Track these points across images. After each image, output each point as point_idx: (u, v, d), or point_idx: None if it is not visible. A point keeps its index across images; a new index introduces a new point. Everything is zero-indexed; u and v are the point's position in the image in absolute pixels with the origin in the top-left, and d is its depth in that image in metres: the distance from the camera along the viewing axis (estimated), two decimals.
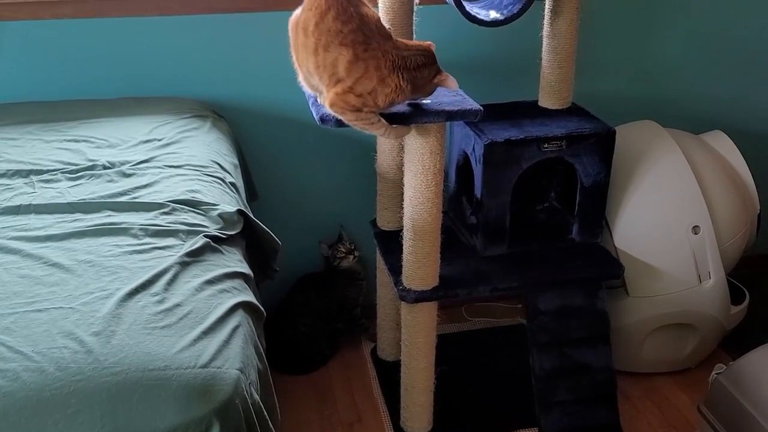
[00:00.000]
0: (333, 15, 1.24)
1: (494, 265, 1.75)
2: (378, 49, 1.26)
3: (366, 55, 1.25)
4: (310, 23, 1.26)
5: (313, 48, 1.26)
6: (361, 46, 1.25)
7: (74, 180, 1.36)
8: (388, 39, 1.30)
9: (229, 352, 0.98)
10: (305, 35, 1.28)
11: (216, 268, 1.14)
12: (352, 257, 2.06)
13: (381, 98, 1.30)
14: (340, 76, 1.27)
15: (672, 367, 1.98)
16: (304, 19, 1.28)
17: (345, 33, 1.24)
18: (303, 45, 1.29)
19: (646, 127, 1.93)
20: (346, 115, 1.32)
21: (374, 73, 1.26)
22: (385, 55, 1.26)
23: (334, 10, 1.24)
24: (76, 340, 0.94)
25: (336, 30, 1.24)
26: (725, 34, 2.16)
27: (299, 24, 1.30)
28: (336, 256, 2.05)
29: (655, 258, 1.80)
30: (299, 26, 1.30)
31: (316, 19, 1.25)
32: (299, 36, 1.30)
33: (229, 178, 1.48)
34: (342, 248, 2.05)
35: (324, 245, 2.08)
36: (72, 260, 1.10)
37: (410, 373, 1.73)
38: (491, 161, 1.67)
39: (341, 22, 1.24)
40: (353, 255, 2.06)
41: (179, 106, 1.76)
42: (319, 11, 1.25)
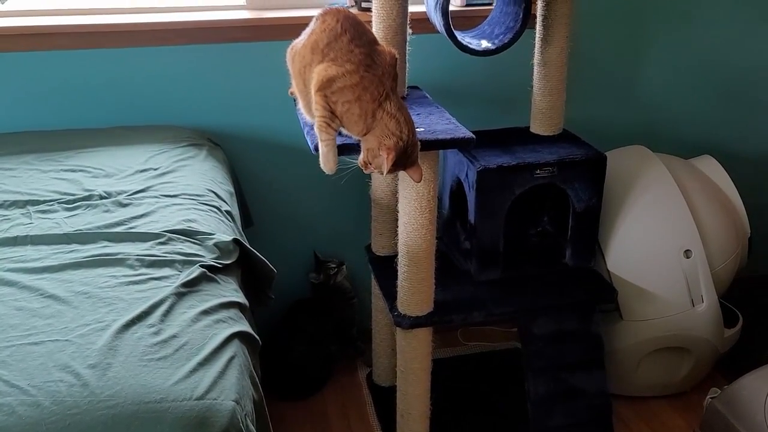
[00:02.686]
0: (348, 38, 1.27)
1: (489, 289, 1.76)
2: (378, 75, 1.27)
3: (366, 73, 1.26)
4: (321, 42, 1.28)
5: (319, 61, 1.27)
6: (364, 66, 1.26)
7: (71, 210, 1.36)
8: (391, 78, 1.30)
9: (224, 383, 0.98)
10: (312, 53, 1.28)
11: (212, 298, 1.14)
12: (344, 267, 2.07)
13: (347, 114, 1.27)
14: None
15: (667, 391, 1.99)
16: (313, 40, 1.29)
17: (356, 53, 1.26)
18: (308, 63, 1.29)
19: (636, 153, 1.96)
20: (319, 105, 1.29)
21: (360, 91, 1.25)
22: (381, 84, 1.27)
23: (349, 34, 1.27)
24: (72, 373, 0.94)
25: (348, 50, 1.26)
26: (714, 61, 2.20)
27: (306, 46, 1.30)
28: (329, 274, 2.05)
29: (648, 282, 1.82)
30: (306, 48, 1.30)
31: (329, 39, 1.27)
32: (305, 56, 1.30)
33: (224, 206, 1.49)
34: (331, 264, 2.06)
35: (312, 274, 2.08)
36: (68, 292, 1.11)
37: (406, 399, 1.73)
38: (484, 187, 1.68)
39: (354, 45, 1.26)
40: (344, 265, 2.07)
41: (175, 134, 1.77)
42: (334, 33, 1.27)
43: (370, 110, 1.26)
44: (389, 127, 1.26)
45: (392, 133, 1.26)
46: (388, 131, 1.26)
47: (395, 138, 1.26)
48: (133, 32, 1.82)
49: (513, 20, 1.72)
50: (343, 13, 1.30)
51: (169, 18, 1.86)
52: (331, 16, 1.29)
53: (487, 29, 1.83)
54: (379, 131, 1.27)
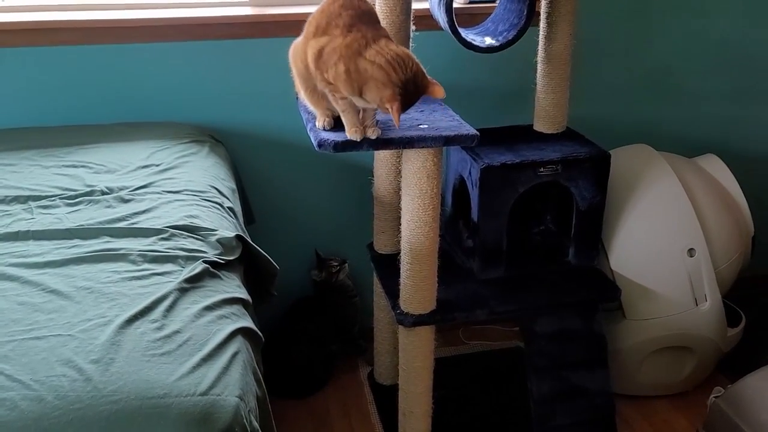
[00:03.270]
0: (340, 3, 1.26)
1: (491, 288, 1.75)
2: (362, 32, 1.23)
3: (349, 33, 1.22)
4: (321, 25, 1.27)
5: (312, 36, 1.28)
6: (348, 27, 1.24)
7: (72, 206, 1.36)
8: (378, 31, 1.26)
9: (228, 379, 0.97)
10: (314, 36, 1.27)
11: (215, 294, 1.14)
12: (347, 265, 2.06)
13: (337, 78, 1.23)
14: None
15: (670, 390, 1.98)
16: (314, 26, 1.29)
17: (343, 17, 1.24)
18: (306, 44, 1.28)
19: (640, 151, 1.95)
20: (319, 79, 1.28)
21: (343, 49, 1.22)
22: (362, 37, 1.22)
23: (344, 9, 1.26)
24: (74, 368, 0.93)
25: (337, 15, 1.24)
26: (718, 58, 2.19)
27: (308, 33, 1.30)
28: (331, 272, 2.05)
29: (651, 281, 1.81)
30: (308, 35, 1.30)
31: (327, 21, 1.27)
32: (307, 39, 1.30)
33: (227, 203, 1.48)
34: (333, 263, 2.06)
35: (313, 271, 2.07)
36: (70, 287, 1.10)
37: (408, 398, 1.72)
38: (487, 185, 1.68)
39: (343, 8, 1.25)
40: (346, 264, 2.06)
41: (177, 131, 1.77)
42: (331, 14, 1.27)
43: (353, 65, 1.20)
44: (378, 77, 1.19)
45: (384, 82, 1.19)
46: (380, 82, 1.19)
47: (390, 86, 1.19)
48: (135, 28, 1.81)
49: (517, 17, 1.71)
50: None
51: (171, 14, 1.85)
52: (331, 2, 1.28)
53: (491, 26, 1.82)
54: (372, 86, 1.21)
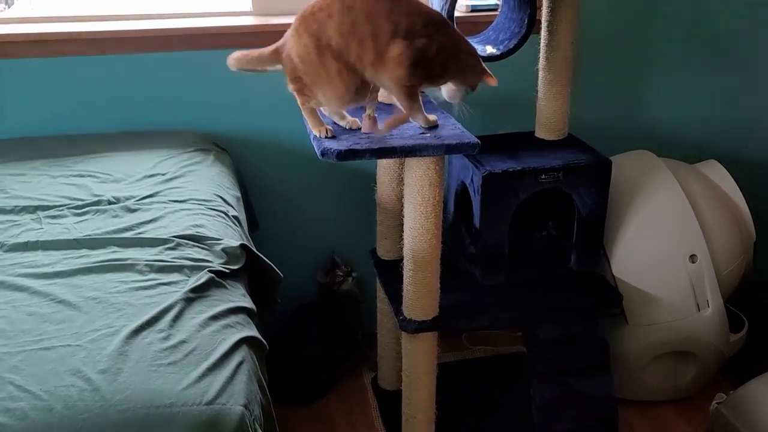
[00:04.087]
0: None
1: (494, 294, 1.76)
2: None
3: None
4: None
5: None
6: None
7: (80, 215, 1.38)
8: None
9: (233, 388, 0.99)
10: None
11: (220, 304, 1.15)
12: (351, 279, 2.07)
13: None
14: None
15: (673, 396, 1.99)
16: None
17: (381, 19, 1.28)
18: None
19: (641, 157, 1.96)
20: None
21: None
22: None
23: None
24: (83, 378, 0.95)
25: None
26: (718, 65, 2.20)
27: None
28: (335, 280, 2.06)
29: (653, 286, 1.82)
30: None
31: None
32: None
33: (231, 211, 1.50)
34: (339, 272, 2.07)
35: (320, 272, 2.09)
36: (79, 297, 1.12)
37: (411, 403, 1.73)
38: (489, 192, 1.69)
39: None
40: (351, 276, 2.07)
41: (182, 140, 1.79)
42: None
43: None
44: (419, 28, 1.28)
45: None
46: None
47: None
48: (140, 38, 1.84)
49: (518, 26, 1.73)
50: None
51: (176, 24, 1.88)
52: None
53: (492, 35, 1.84)
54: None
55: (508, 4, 1.82)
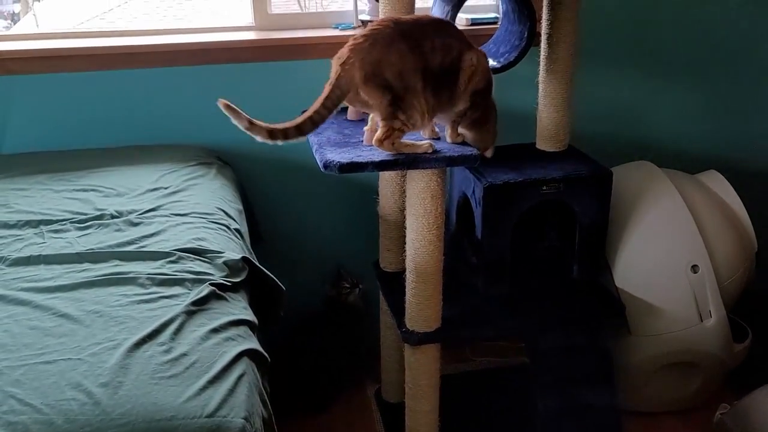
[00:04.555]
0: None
1: (496, 305, 1.76)
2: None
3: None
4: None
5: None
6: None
7: (83, 230, 1.39)
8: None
9: (234, 400, 0.99)
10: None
11: (221, 316, 1.16)
12: (358, 290, 2.07)
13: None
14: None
15: (677, 406, 1.97)
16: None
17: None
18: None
19: (642, 168, 1.96)
20: None
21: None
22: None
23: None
24: (84, 391, 0.95)
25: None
26: (718, 76, 2.21)
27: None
28: (341, 292, 2.06)
29: (656, 297, 1.82)
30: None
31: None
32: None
33: (233, 224, 1.51)
34: (346, 284, 2.07)
35: (327, 285, 2.09)
36: (80, 311, 1.12)
37: (414, 416, 1.73)
38: (491, 203, 1.69)
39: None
40: (358, 288, 2.08)
41: (185, 153, 1.80)
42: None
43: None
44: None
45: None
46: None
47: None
48: (143, 53, 1.86)
49: (518, 39, 1.74)
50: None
51: (178, 39, 1.90)
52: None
53: (493, 48, 1.85)
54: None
55: (508, 18, 1.84)
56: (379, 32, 1.31)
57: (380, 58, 1.29)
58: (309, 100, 1.91)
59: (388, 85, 1.31)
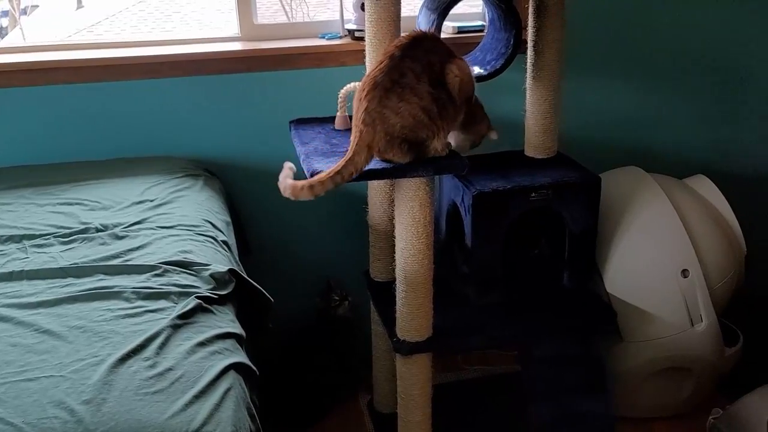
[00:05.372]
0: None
1: (487, 314, 1.75)
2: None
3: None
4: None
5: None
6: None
7: (67, 244, 1.37)
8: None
9: (221, 415, 0.97)
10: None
11: (208, 330, 1.14)
12: (347, 303, 2.06)
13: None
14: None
15: (669, 412, 1.96)
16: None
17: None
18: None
19: (630, 174, 1.97)
20: None
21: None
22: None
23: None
24: (66, 409, 0.93)
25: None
26: (706, 81, 2.22)
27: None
28: (331, 304, 2.05)
29: (647, 302, 1.81)
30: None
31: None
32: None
33: (221, 236, 1.49)
34: (335, 296, 2.06)
35: (317, 298, 2.08)
36: (63, 326, 1.10)
37: (407, 426, 1.71)
38: (480, 211, 1.69)
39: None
40: (347, 301, 2.07)
41: (171, 165, 1.79)
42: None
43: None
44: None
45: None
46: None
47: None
48: (128, 65, 1.84)
49: (504, 46, 1.74)
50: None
51: (164, 51, 1.89)
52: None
53: (479, 55, 1.85)
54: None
55: (494, 25, 1.84)
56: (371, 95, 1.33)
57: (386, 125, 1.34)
58: (296, 109, 1.91)
59: (405, 140, 1.37)
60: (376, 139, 1.35)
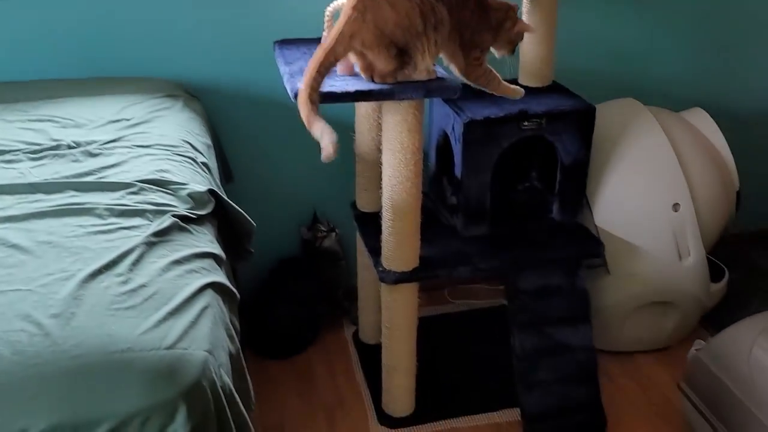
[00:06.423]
0: None
1: (475, 245, 1.73)
2: None
3: None
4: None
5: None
6: None
7: (37, 160, 1.31)
8: None
9: (196, 333, 0.94)
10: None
11: (184, 248, 1.10)
12: (334, 235, 2.03)
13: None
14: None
15: (653, 346, 1.98)
16: None
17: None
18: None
19: (626, 105, 1.91)
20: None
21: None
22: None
23: None
24: (33, 322, 0.90)
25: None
26: (705, 12, 2.14)
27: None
28: (317, 236, 2.02)
29: (636, 236, 1.79)
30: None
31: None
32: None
33: (200, 158, 1.43)
34: (322, 227, 2.03)
35: (303, 228, 2.05)
36: (32, 241, 1.06)
37: (391, 355, 1.71)
38: (471, 140, 1.64)
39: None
40: (334, 232, 2.03)
41: (151, 86, 1.71)
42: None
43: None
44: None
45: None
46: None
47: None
48: None
49: None
50: None
51: None
52: None
53: None
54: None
55: None
56: None
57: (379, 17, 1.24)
58: (281, 30, 1.82)
59: (393, 43, 1.27)
60: (363, 30, 1.24)
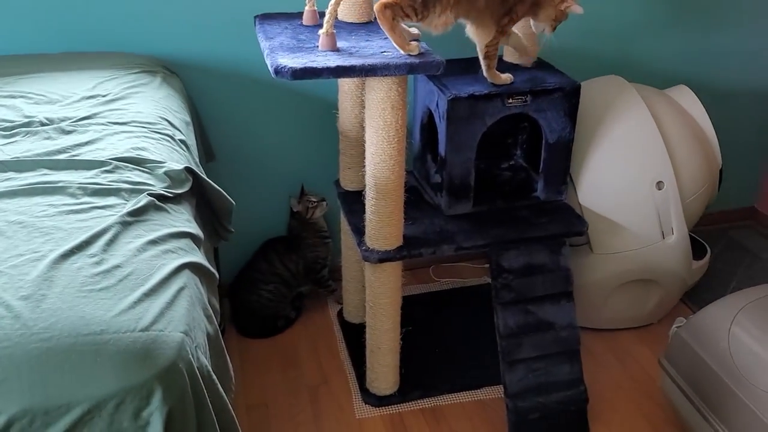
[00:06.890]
0: None
1: (459, 223, 1.72)
2: None
3: None
4: None
5: None
6: None
7: (8, 137, 1.27)
8: None
9: (172, 314, 0.93)
10: None
11: (160, 228, 1.08)
12: (325, 204, 2.01)
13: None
14: None
15: (635, 323, 2.00)
16: None
17: None
18: None
19: (611, 82, 1.90)
20: None
21: None
22: None
23: None
24: (2, 305, 0.88)
25: None
26: None
27: None
28: (308, 207, 1.99)
29: (619, 214, 1.79)
30: None
31: None
32: None
33: (178, 135, 1.40)
34: (312, 198, 2.00)
35: (293, 199, 2.02)
36: (1, 221, 1.03)
37: (375, 334, 1.71)
38: (455, 117, 1.62)
39: None
40: (324, 202, 2.01)
41: (127, 61, 1.66)
42: None
43: None
44: None
45: None
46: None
47: None
48: None
49: None
50: None
51: None
52: None
53: None
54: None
55: None
56: None
57: None
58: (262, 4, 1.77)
59: None
60: None
